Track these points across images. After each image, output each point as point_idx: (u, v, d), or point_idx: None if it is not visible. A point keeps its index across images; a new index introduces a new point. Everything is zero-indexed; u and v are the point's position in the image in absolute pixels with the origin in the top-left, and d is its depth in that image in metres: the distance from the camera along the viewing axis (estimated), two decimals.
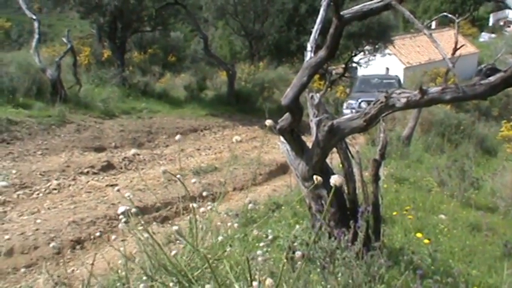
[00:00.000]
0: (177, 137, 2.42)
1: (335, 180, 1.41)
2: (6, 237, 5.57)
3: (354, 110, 15.22)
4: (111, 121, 12.21)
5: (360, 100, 17.21)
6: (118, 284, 2.15)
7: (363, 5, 3.79)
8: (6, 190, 7.16)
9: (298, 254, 1.89)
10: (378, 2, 3.68)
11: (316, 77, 18.45)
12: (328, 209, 4.04)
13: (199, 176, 8.75)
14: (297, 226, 4.65)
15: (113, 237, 2.21)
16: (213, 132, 13.66)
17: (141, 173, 9.04)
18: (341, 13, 3.66)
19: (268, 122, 2.16)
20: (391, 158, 10.01)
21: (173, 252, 1.93)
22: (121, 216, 1.91)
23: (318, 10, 4.54)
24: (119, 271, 2.19)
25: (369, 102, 16.59)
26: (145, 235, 1.93)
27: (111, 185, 8.14)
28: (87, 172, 8.58)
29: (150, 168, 9.31)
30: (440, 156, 11.81)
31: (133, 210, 1.89)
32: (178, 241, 2.14)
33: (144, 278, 1.90)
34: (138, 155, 10.05)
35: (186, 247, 2.01)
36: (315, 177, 1.62)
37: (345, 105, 18.01)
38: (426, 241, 4.78)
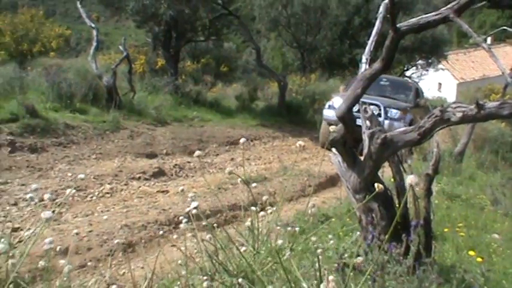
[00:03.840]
0: (242, 139, 2.44)
1: (411, 179, 1.42)
2: (62, 237, 5.74)
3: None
4: (163, 128, 12.41)
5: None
6: (178, 283, 2.20)
7: (419, 17, 3.76)
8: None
9: (359, 259, 1.90)
10: (435, 15, 3.65)
11: None
12: (380, 222, 4.00)
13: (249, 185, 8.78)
14: (347, 238, 4.63)
15: (174, 236, 2.27)
16: (263, 142, 13.67)
17: (192, 181, 9.15)
18: (397, 25, 3.65)
19: (333, 128, 2.18)
20: (442, 174, 9.81)
21: (242, 249, 1.97)
22: (181, 217, 1.97)
23: (371, 23, 4.55)
24: (178, 271, 2.23)
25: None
26: (208, 236, 1.98)
27: (162, 191, 8.28)
28: (139, 178, 8.74)
29: (200, 176, 9.41)
30: (493, 174, 11.49)
31: (194, 211, 1.93)
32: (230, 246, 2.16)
33: (204, 277, 1.95)
34: (189, 162, 10.18)
35: (246, 249, 2.05)
36: (376, 184, 1.62)
37: (327, 104, 13.09)
38: (479, 259, 4.67)
